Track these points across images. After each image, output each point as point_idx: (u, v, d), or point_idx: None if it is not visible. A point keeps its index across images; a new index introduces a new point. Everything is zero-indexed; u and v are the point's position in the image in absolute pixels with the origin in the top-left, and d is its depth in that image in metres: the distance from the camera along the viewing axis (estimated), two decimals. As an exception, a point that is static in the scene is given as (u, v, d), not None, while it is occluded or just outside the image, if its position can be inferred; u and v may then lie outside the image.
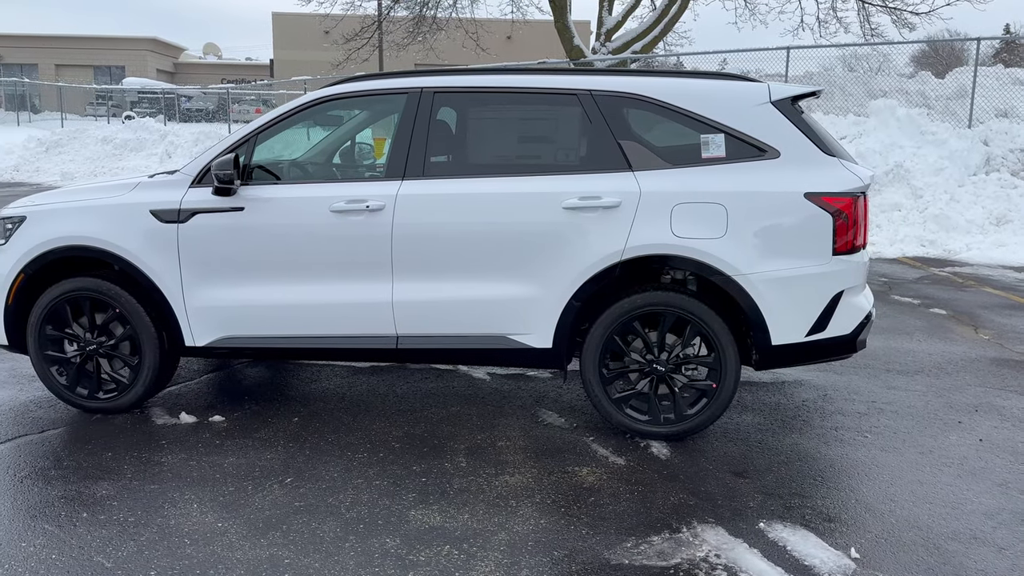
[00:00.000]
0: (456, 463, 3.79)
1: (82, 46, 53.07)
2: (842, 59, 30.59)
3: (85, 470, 3.71)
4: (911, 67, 33.24)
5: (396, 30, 18.75)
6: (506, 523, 3.24)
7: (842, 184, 3.87)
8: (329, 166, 4.84)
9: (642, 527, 3.22)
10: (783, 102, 3.99)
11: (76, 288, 4.27)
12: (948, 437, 4.15)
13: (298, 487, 3.54)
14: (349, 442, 4.03)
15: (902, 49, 23.01)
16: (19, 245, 4.31)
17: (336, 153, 4.89)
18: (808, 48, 15.50)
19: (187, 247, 4.18)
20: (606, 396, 4.04)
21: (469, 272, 4.03)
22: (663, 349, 3.98)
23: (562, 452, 3.93)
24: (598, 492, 3.51)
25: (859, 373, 5.18)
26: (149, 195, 4.25)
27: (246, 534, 3.15)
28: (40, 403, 4.55)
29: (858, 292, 4.01)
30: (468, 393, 4.76)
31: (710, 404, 3.97)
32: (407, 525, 3.22)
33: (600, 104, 4.02)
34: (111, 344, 4.33)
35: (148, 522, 3.24)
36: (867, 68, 29.34)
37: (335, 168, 4.86)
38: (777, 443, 4.06)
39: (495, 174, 4.06)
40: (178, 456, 3.87)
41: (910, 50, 31.46)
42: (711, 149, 3.95)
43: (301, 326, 4.19)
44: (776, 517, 3.29)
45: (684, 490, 3.53)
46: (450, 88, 4.16)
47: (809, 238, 3.85)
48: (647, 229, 3.88)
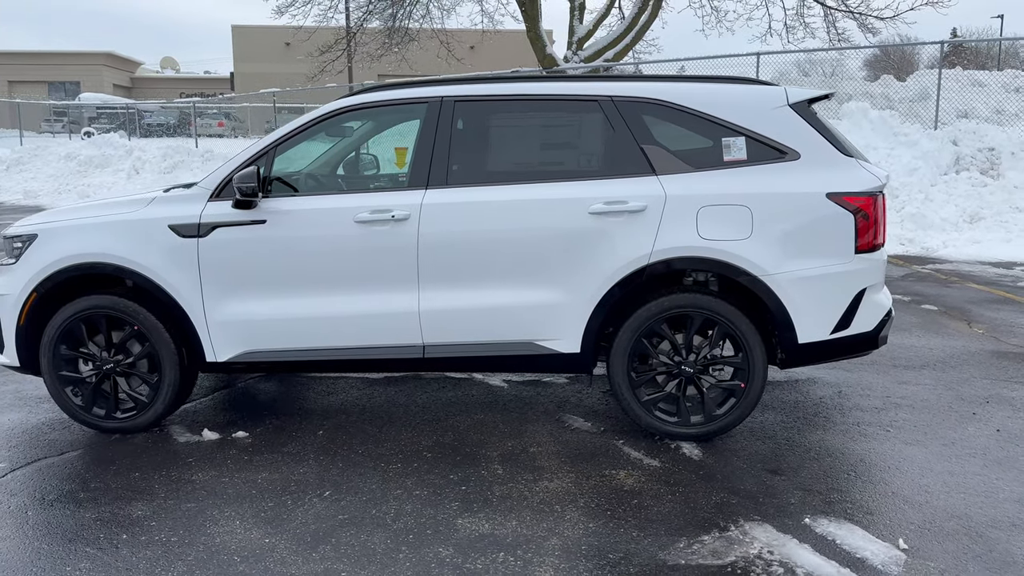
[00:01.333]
0: (492, 470, 3.79)
1: (36, 62, 52.10)
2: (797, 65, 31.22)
3: (115, 491, 3.64)
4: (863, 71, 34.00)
5: (369, 41, 18.71)
6: (555, 528, 3.24)
7: (861, 184, 3.95)
8: (349, 177, 4.82)
9: (691, 527, 3.24)
10: (800, 104, 4.07)
11: (92, 306, 4.19)
12: (967, 428, 4.25)
13: (338, 500, 3.51)
14: (380, 453, 4.00)
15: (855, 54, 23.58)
16: (31, 264, 4.21)
17: (356, 163, 4.87)
18: (778, 53, 15.78)
19: (208, 262, 4.12)
20: (635, 399, 4.07)
21: (496, 279, 4.04)
22: (691, 351, 4.02)
23: (595, 456, 3.94)
24: (640, 494, 3.53)
25: (868, 369, 5.28)
26: (167, 210, 4.19)
27: (296, 549, 3.11)
28: (54, 425, 4.45)
29: (879, 289, 4.10)
30: (489, 400, 4.76)
31: (739, 404, 4.01)
32: (457, 534, 3.21)
33: (621, 110, 4.06)
34: (129, 362, 4.25)
35: (192, 541, 3.18)
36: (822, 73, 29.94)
37: (356, 179, 4.84)
38: (804, 440, 4.12)
39: (519, 181, 4.08)
40: (209, 473, 3.80)
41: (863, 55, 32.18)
42: (733, 152, 4.01)
43: (326, 338, 4.16)
44: (819, 512, 3.34)
45: (723, 489, 3.57)
46: (471, 96, 4.17)
47: (832, 237, 3.92)
48: (674, 232, 3.92)
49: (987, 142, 12.07)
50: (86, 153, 21.79)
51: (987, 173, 11.76)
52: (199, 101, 31.25)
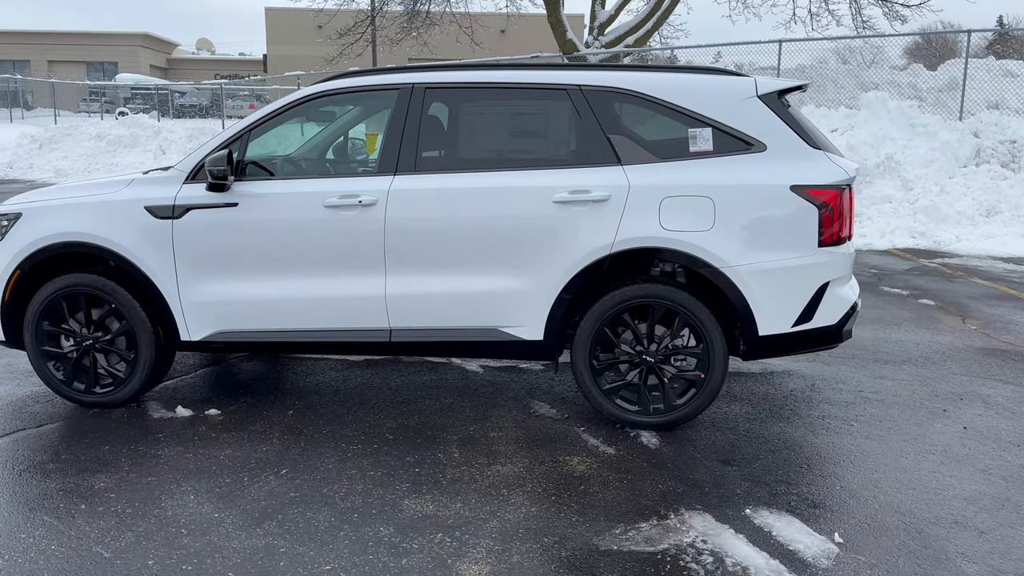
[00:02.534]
0: (449, 454, 3.85)
1: (75, 42, 52.88)
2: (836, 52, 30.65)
3: (83, 463, 3.76)
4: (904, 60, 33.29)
5: (390, 25, 18.76)
6: (497, 511, 3.30)
7: (827, 177, 3.93)
8: (322, 161, 4.89)
9: (631, 514, 3.28)
10: (770, 96, 4.04)
11: (72, 284, 4.32)
12: (933, 425, 4.22)
13: (293, 478, 3.60)
14: (344, 434, 4.08)
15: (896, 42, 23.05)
16: (15, 242, 4.35)
17: (329, 149, 4.94)
18: (800, 41, 15.55)
19: (182, 243, 4.22)
20: (596, 387, 4.10)
21: (461, 266, 4.09)
22: (652, 340, 4.04)
23: (553, 442, 3.99)
24: (588, 481, 3.57)
25: (847, 363, 5.25)
26: (144, 191, 4.30)
27: (242, 524, 3.21)
28: (38, 398, 4.60)
29: (844, 283, 4.08)
30: (461, 385, 4.82)
31: (699, 394, 4.03)
32: (400, 514, 3.28)
33: (589, 99, 4.08)
34: (107, 339, 4.38)
35: (145, 513, 3.29)
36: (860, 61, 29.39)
37: (328, 164, 4.91)
38: (765, 432, 4.13)
39: (486, 168, 4.12)
40: (174, 449, 3.92)
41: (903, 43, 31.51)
42: (699, 143, 4.01)
43: (296, 320, 4.24)
44: (762, 504, 3.36)
45: (672, 478, 3.60)
46: (441, 84, 4.21)
47: (795, 230, 3.91)
48: (636, 222, 3.94)
49: (1009, 134, 11.82)
50: (116, 133, 22.18)
51: (1008, 166, 11.52)
52: (227, 83, 31.57)
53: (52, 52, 51.87)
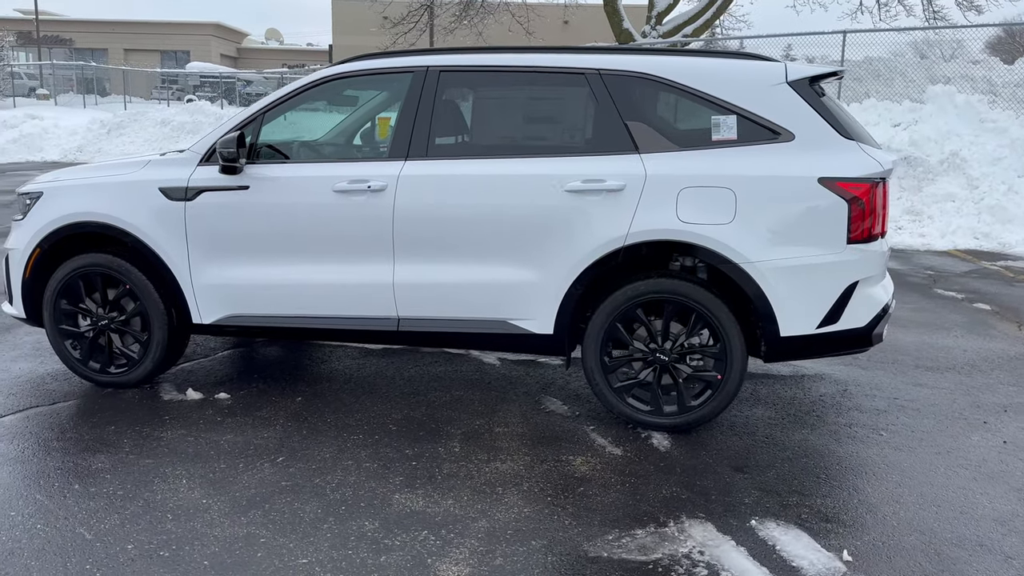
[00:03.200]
0: (449, 448, 3.74)
1: (149, 31, 54.37)
2: (913, 46, 29.44)
3: (86, 443, 3.77)
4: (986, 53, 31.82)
5: (443, 14, 18.71)
6: (488, 510, 3.18)
7: (859, 169, 3.68)
8: (336, 146, 4.82)
9: (628, 519, 3.12)
10: (800, 83, 3.81)
11: (89, 264, 4.34)
12: (970, 438, 3.94)
13: (288, 466, 3.54)
14: (347, 423, 4.01)
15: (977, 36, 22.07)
16: (35, 221, 4.39)
17: (346, 133, 4.86)
18: (865, 32, 14.93)
19: (194, 225, 4.20)
20: (607, 385, 3.94)
21: (470, 255, 3.96)
22: (667, 338, 3.86)
23: (559, 440, 3.84)
24: (588, 482, 3.42)
25: (886, 368, 4.96)
26: (158, 173, 4.28)
27: (228, 511, 3.15)
28: (56, 376, 4.64)
29: (875, 283, 3.82)
30: (475, 378, 4.71)
31: (715, 396, 3.83)
32: (388, 509, 3.18)
33: (608, 84, 3.90)
34: (122, 320, 4.39)
35: (136, 496, 3.26)
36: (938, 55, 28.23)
37: (341, 148, 4.83)
38: (785, 438, 3.91)
39: (500, 155, 3.98)
40: (177, 432, 3.90)
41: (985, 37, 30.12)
42: (722, 131, 3.80)
43: (304, 306, 4.18)
44: (770, 515, 3.16)
45: (678, 483, 3.42)
46: (456, 67, 4.08)
47: (822, 225, 3.67)
48: (651, 214, 3.75)
49: (1088, 132, 11.12)
50: (179, 119, 22.68)
51: (1085, 165, 10.84)
52: (288, 72, 32.06)
53: (129, 41, 53.42)
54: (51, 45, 49.92)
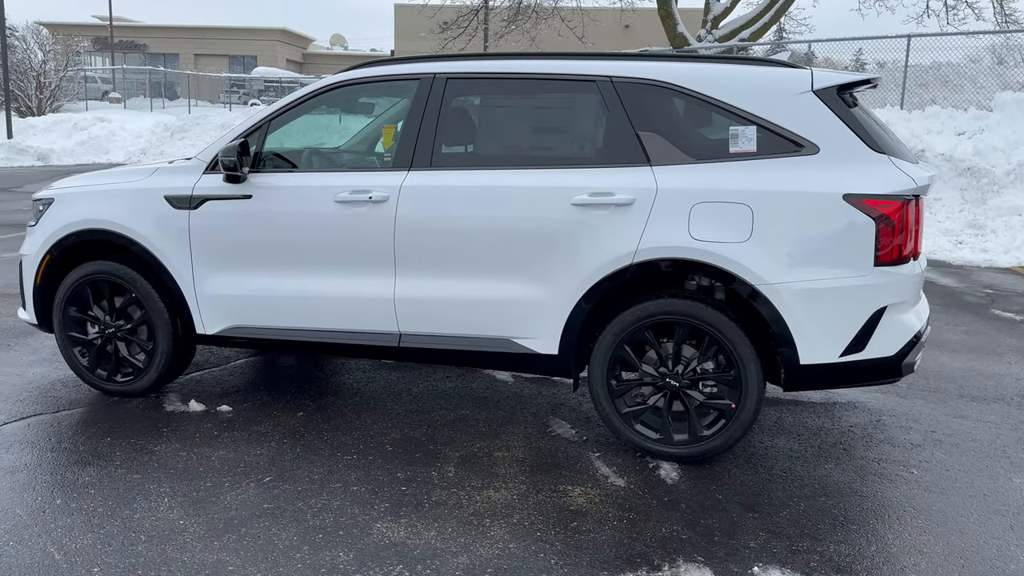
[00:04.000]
0: (443, 472, 3.57)
1: (219, 36, 55.75)
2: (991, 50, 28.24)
3: (79, 454, 3.72)
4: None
5: (494, 19, 18.61)
6: (471, 544, 2.99)
7: (889, 185, 3.39)
8: (342, 155, 4.71)
9: (619, 560, 2.90)
10: (827, 91, 3.53)
11: (96, 271, 4.30)
12: (1011, 480, 3.60)
13: (273, 487, 3.41)
14: (343, 442, 3.88)
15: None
16: (46, 227, 4.38)
17: (353, 142, 4.75)
18: (930, 36, 14.30)
19: (198, 233, 4.13)
20: (614, 410, 3.72)
21: (473, 270, 3.79)
22: (678, 362, 3.62)
23: (560, 468, 3.64)
24: (583, 516, 3.21)
25: (926, 397, 4.62)
26: (164, 180, 4.23)
27: (202, 535, 3.04)
28: (66, 383, 4.63)
29: (906, 309, 3.52)
30: (485, 396, 4.53)
31: (729, 425, 3.58)
32: (367, 538, 3.03)
33: (620, 91, 3.69)
34: (128, 328, 4.35)
35: (115, 514, 3.18)
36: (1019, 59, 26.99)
37: (347, 157, 4.71)
38: (805, 473, 3.63)
39: (506, 166, 3.80)
40: (172, 446, 3.82)
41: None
42: (740, 143, 3.55)
43: (306, 319, 4.07)
44: (776, 561, 2.91)
45: (681, 521, 3.19)
46: (463, 74, 3.92)
47: (847, 245, 3.40)
48: (662, 230, 3.53)
49: None
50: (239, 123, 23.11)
51: None
52: (346, 76, 32.39)
53: (199, 46, 54.88)
54: (126, 50, 51.64)
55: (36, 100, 32.13)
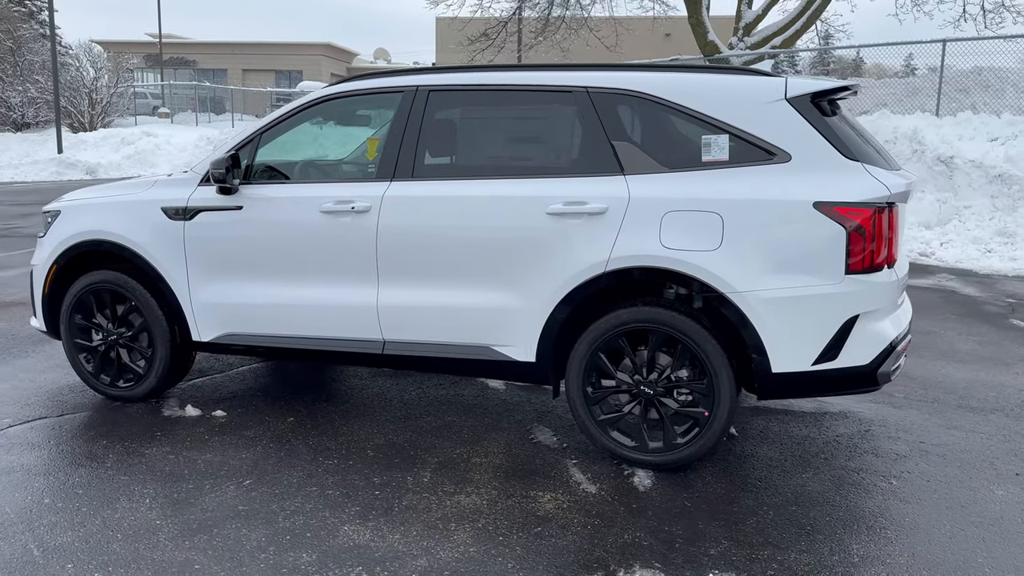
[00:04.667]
0: (419, 478, 3.63)
1: (265, 52, 56.94)
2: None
3: (74, 456, 3.86)
4: None
5: (523, 30, 18.73)
6: (433, 548, 3.05)
7: (861, 193, 3.37)
8: (330, 166, 4.82)
9: (575, 566, 2.93)
10: (800, 99, 3.53)
11: (99, 280, 4.47)
12: (993, 491, 3.53)
13: (251, 490, 3.51)
14: (327, 447, 3.96)
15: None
16: (53, 238, 4.57)
17: (342, 153, 4.86)
18: (966, 40, 14.01)
19: (192, 243, 4.27)
20: (590, 417, 3.74)
21: (452, 278, 3.86)
22: (652, 370, 3.64)
23: (534, 474, 3.67)
24: (548, 522, 3.24)
25: (922, 407, 4.54)
26: (162, 192, 4.38)
27: (175, 535, 3.14)
28: (73, 388, 4.81)
29: (881, 317, 3.49)
30: (474, 403, 4.59)
31: (702, 433, 3.58)
32: (333, 540, 3.10)
33: (595, 101, 3.73)
34: (129, 336, 4.51)
35: (97, 514, 3.30)
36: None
37: (334, 168, 4.83)
38: (781, 482, 3.61)
39: (484, 176, 3.87)
40: (162, 449, 3.95)
41: None
42: (713, 151, 3.57)
43: (295, 327, 4.18)
44: (733, 568, 2.90)
45: (645, 528, 3.20)
46: (444, 86, 4.00)
47: (817, 253, 3.38)
48: (634, 238, 3.55)
49: None
50: (277, 136, 23.57)
51: None
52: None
53: (246, 61, 56.11)
54: (176, 66, 53.07)
55: (88, 116, 33.16)
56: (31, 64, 35.91)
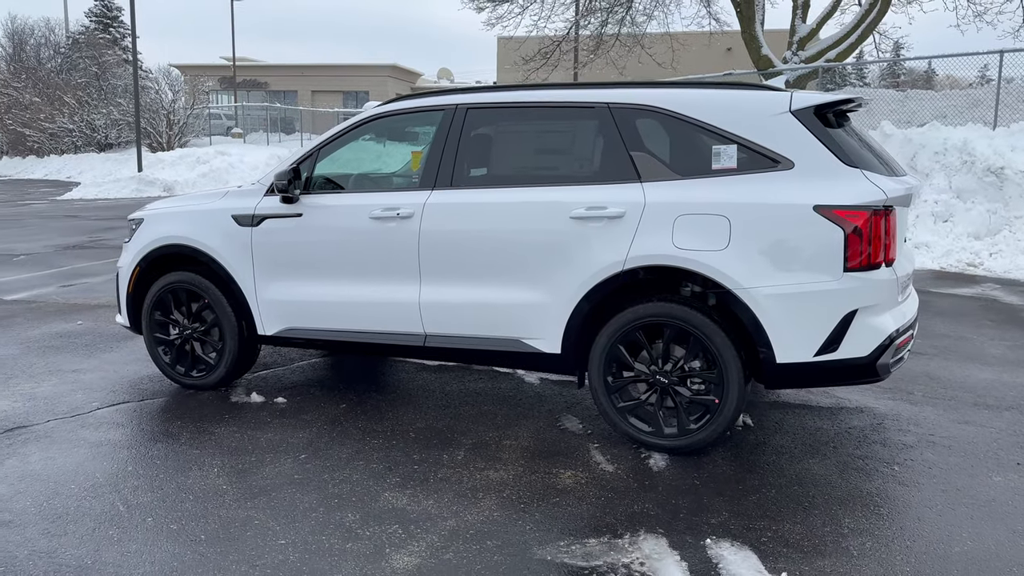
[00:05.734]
0: (453, 456, 4.02)
1: (333, 73, 58.65)
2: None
3: (153, 433, 4.38)
4: None
5: (578, 49, 19.17)
6: (461, 512, 3.43)
7: (859, 197, 3.66)
8: (380, 177, 5.27)
9: (587, 529, 3.27)
10: (804, 111, 3.84)
11: (175, 281, 5.01)
12: (990, 478, 3.75)
13: (306, 463, 3.95)
14: (374, 429, 4.39)
15: None
16: (137, 243, 5.13)
17: (392, 166, 5.31)
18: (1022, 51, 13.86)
19: (258, 247, 4.77)
20: (611, 404, 4.09)
21: (486, 277, 4.26)
22: (667, 361, 3.96)
23: (558, 455, 4.03)
24: (566, 494, 3.59)
25: (938, 404, 4.74)
26: (233, 202, 4.90)
27: (239, 497, 3.60)
28: (152, 378, 5.35)
29: (879, 311, 3.75)
30: (510, 395, 4.97)
31: (712, 420, 3.89)
32: (375, 504, 3.51)
33: (616, 116, 4.10)
34: (202, 330, 5.03)
35: (172, 479, 3.79)
36: None
37: (384, 179, 5.28)
38: (787, 467, 3.88)
39: (516, 184, 4.26)
40: (229, 429, 4.43)
41: None
42: (722, 160, 3.89)
43: (347, 321, 4.63)
44: (730, 535, 3.21)
45: (653, 501, 3.52)
46: (481, 104, 4.42)
47: (817, 253, 3.68)
48: (649, 240, 3.90)
49: None
50: (343, 154, 24.45)
51: None
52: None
53: (315, 83, 57.88)
54: (249, 88, 55.10)
55: (166, 136, 34.84)
56: (114, 88, 37.90)
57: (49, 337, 6.45)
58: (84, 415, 4.65)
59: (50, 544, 3.18)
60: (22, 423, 4.51)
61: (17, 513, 3.44)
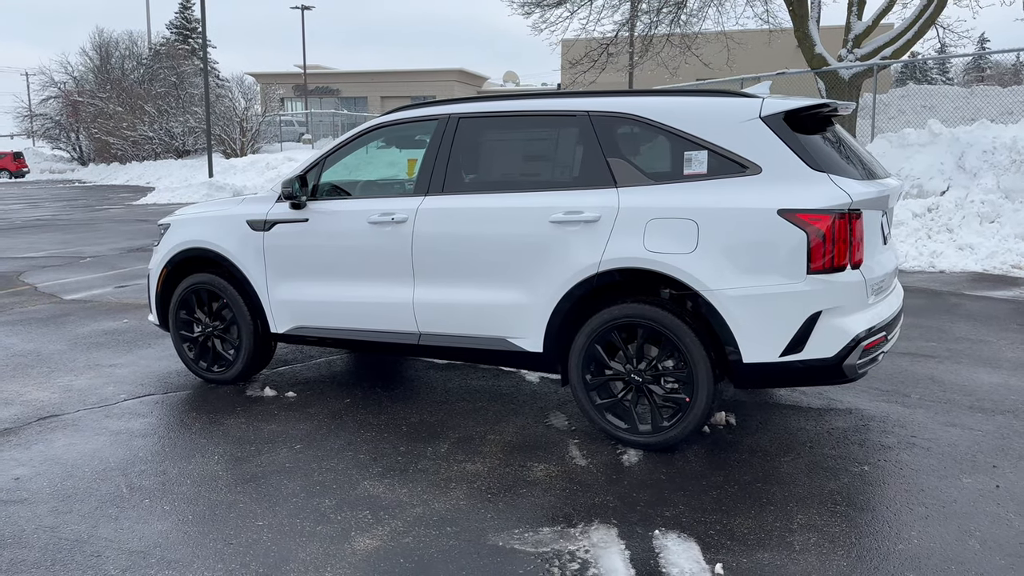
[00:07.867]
0: (437, 448, 4.24)
1: (402, 79, 59.72)
2: None
3: (168, 423, 4.72)
4: None
5: (620, 52, 19.19)
6: (430, 500, 3.64)
7: (822, 200, 3.73)
8: (381, 184, 5.53)
9: (543, 519, 3.44)
10: (774, 117, 3.92)
11: (197, 282, 5.38)
12: (960, 480, 3.76)
13: (300, 453, 4.23)
14: (370, 422, 4.64)
15: None
16: (164, 246, 5.52)
17: (392, 173, 5.56)
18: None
19: (269, 250, 5.08)
20: (590, 402, 4.24)
21: (474, 279, 4.46)
22: (641, 360, 4.09)
23: (536, 449, 4.20)
24: (534, 485, 3.77)
25: (931, 407, 4.73)
26: (248, 208, 5.23)
27: (231, 482, 3.88)
28: (179, 373, 5.73)
29: (843, 314, 3.80)
30: (507, 393, 5.15)
31: (684, 417, 4.00)
32: (353, 491, 3.75)
33: (595, 124, 4.25)
34: (222, 328, 5.38)
35: (175, 465, 4.10)
36: None
37: (383, 186, 5.53)
38: (758, 465, 3.97)
39: (500, 190, 4.46)
40: (238, 420, 4.75)
41: None
42: (693, 166, 4.01)
43: (349, 320, 4.89)
44: (678, 527, 3.33)
45: (615, 494, 3.66)
46: (471, 113, 4.62)
47: (781, 255, 3.76)
48: (622, 243, 4.04)
49: None
50: (402, 158, 25.00)
51: None
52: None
53: (384, 89, 59.03)
54: (321, 95, 56.61)
55: (239, 143, 36.17)
56: (191, 97, 39.49)
57: (96, 334, 6.93)
58: (111, 406, 5.04)
59: (55, 520, 3.52)
60: (55, 412, 4.92)
61: (33, 492, 3.81)
